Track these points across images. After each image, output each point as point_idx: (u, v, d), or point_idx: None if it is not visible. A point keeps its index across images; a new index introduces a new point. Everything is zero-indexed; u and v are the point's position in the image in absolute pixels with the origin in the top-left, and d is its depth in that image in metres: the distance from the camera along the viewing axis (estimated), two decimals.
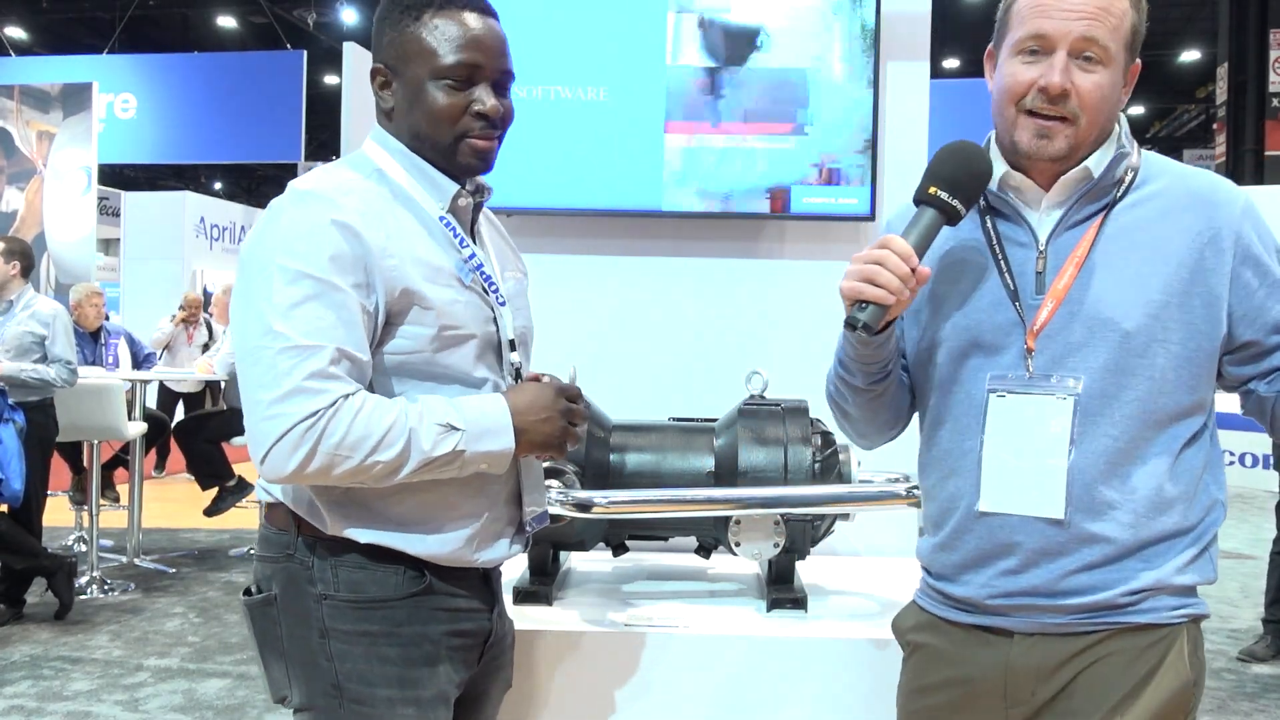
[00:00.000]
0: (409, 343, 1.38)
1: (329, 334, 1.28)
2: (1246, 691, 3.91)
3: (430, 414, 1.33)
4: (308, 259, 1.29)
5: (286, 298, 1.28)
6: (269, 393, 1.26)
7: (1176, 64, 17.81)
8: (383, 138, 1.47)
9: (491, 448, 1.36)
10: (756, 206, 2.67)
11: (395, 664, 1.39)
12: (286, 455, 1.26)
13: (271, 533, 1.43)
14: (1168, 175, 1.39)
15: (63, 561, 4.71)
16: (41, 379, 4.62)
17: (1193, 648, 1.34)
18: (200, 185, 21.05)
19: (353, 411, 1.28)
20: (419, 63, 1.40)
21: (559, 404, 1.43)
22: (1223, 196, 1.35)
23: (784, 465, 2.06)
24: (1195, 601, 1.35)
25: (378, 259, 1.33)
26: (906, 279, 1.31)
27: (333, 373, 1.28)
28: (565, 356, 1.99)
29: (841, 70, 2.65)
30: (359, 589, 1.38)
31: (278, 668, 1.42)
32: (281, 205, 1.35)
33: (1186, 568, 1.33)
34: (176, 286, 12.66)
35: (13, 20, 16.00)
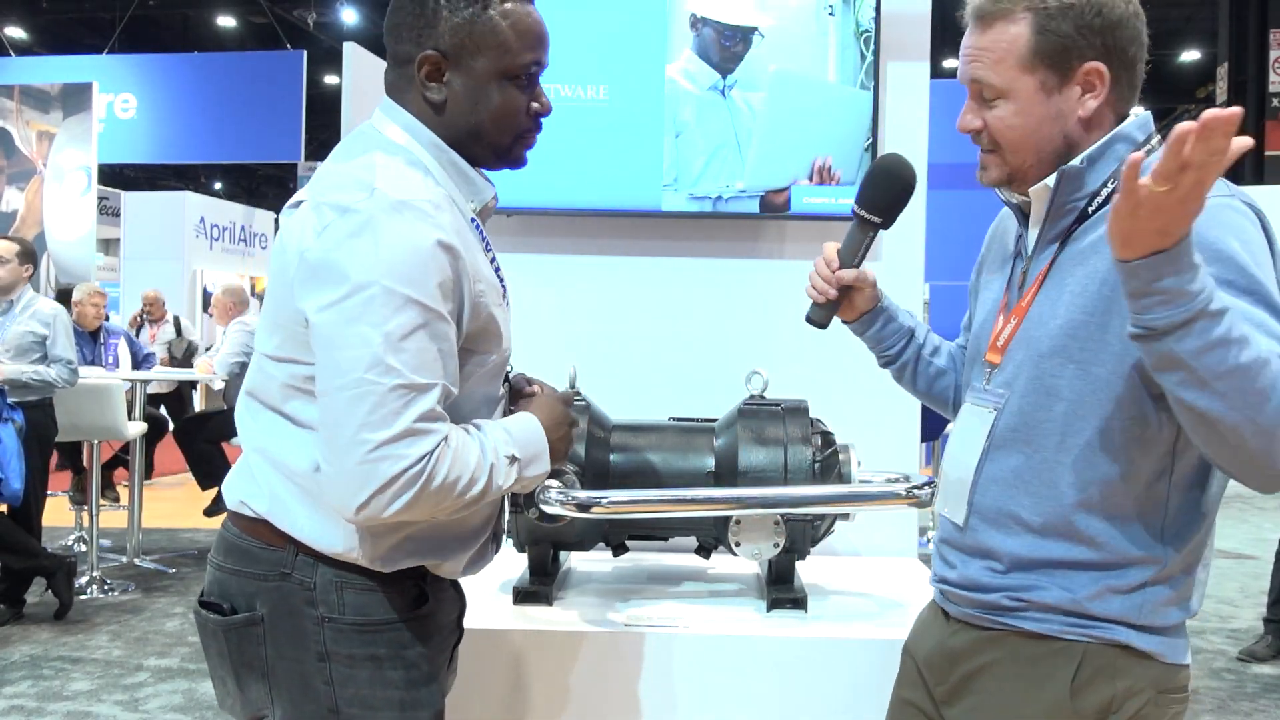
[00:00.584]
0: (477, 370, 1.32)
1: (435, 369, 1.21)
2: (1247, 691, 3.91)
3: (499, 446, 1.30)
4: (418, 285, 1.19)
5: (397, 327, 1.18)
6: (379, 433, 1.17)
7: (1176, 64, 17.82)
8: (412, 126, 1.34)
9: (538, 472, 1.36)
10: (754, 203, 2.67)
11: (398, 687, 1.34)
12: (392, 499, 1.18)
13: (258, 547, 1.33)
14: None
15: (62, 561, 4.71)
16: (43, 380, 4.63)
17: (1092, 673, 1.25)
18: (200, 185, 21.04)
19: (452, 451, 1.22)
20: (490, 56, 1.30)
21: (568, 415, 1.45)
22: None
23: (784, 465, 2.06)
24: (1111, 627, 1.26)
25: (470, 284, 1.27)
26: (830, 280, 1.55)
27: (439, 412, 1.22)
28: (565, 356, 1.99)
29: (841, 70, 2.65)
30: (365, 611, 1.32)
31: (257, 688, 1.35)
32: (374, 215, 1.20)
33: (1100, 598, 1.26)
34: (177, 286, 12.68)
35: (13, 20, 16.00)
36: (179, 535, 6.67)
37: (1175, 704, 1.30)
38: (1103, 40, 1.25)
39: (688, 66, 2.66)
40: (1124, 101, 1.31)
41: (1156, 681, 1.27)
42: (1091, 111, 1.28)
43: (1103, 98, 1.27)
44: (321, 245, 1.22)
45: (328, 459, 1.21)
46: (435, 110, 1.33)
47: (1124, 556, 1.26)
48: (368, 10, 15.75)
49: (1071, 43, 1.25)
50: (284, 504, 1.31)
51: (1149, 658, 1.27)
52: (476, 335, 1.30)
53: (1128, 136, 1.29)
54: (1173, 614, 1.28)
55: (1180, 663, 1.30)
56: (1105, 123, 1.30)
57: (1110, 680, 1.26)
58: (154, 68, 11.94)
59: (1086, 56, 1.25)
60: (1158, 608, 1.27)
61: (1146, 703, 1.26)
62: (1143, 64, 1.30)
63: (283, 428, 1.32)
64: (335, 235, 1.21)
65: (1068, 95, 1.27)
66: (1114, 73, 1.27)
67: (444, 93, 1.32)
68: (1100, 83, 1.27)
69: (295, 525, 1.31)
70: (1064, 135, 1.29)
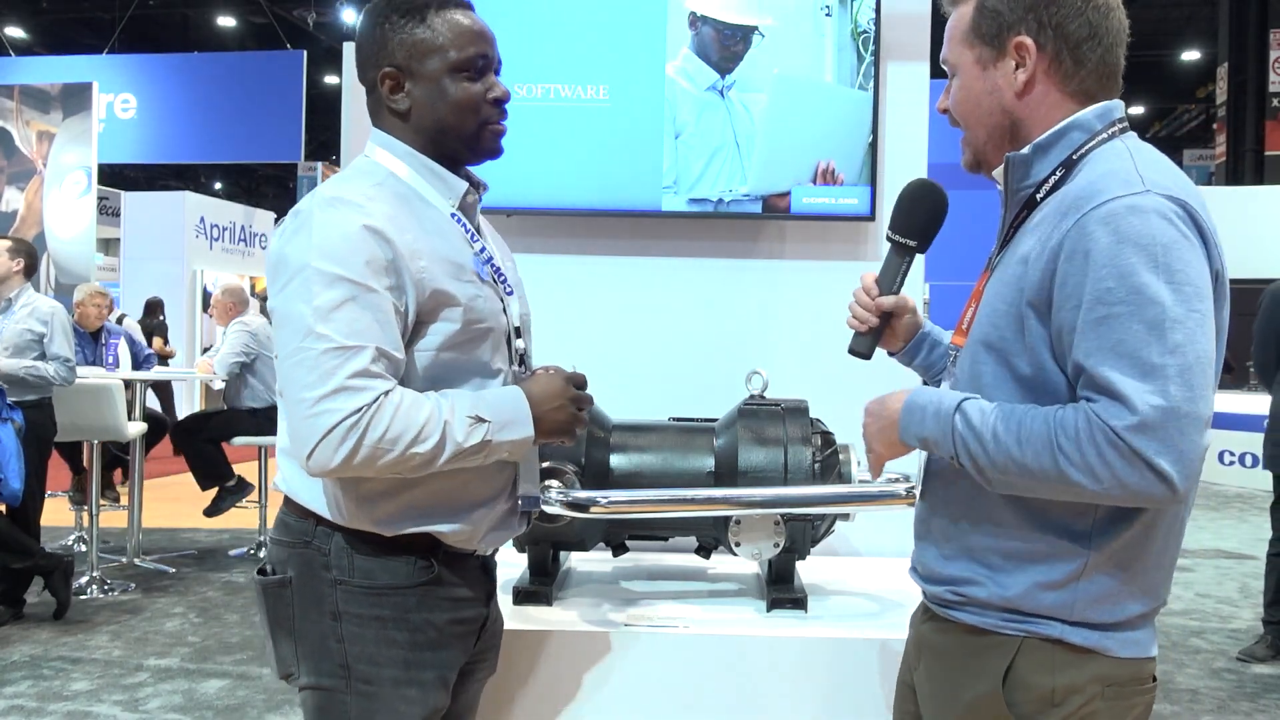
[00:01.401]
0: (438, 339, 1.45)
1: (368, 334, 1.36)
2: (1246, 692, 3.92)
3: (460, 407, 1.41)
4: (344, 263, 1.36)
5: (327, 300, 1.35)
6: (314, 391, 1.33)
7: (1177, 64, 17.81)
8: (387, 142, 1.53)
9: (514, 436, 1.45)
10: (756, 207, 2.67)
11: (402, 647, 1.46)
12: (333, 449, 1.33)
13: (291, 519, 1.50)
14: (1079, 176, 1.25)
15: (60, 561, 4.71)
16: (40, 376, 4.63)
17: (1030, 667, 1.26)
18: (200, 185, 21.05)
19: (393, 407, 1.35)
20: (435, 59, 1.48)
21: (569, 391, 1.53)
22: (1082, 203, 1.19)
23: (784, 465, 2.06)
24: (1045, 622, 1.26)
25: (407, 262, 1.40)
26: (870, 308, 1.54)
27: (374, 371, 1.35)
28: (565, 356, 1.99)
29: (839, 71, 2.65)
30: (372, 576, 1.45)
31: (286, 646, 1.49)
32: (311, 211, 1.40)
33: (1030, 595, 1.26)
34: (176, 286, 12.68)
35: (13, 20, 16.00)
36: (179, 535, 6.67)
37: (1133, 696, 1.27)
38: (1035, 16, 1.27)
39: (685, 66, 2.66)
40: (1078, 83, 1.29)
41: (1104, 676, 1.25)
42: (1021, 85, 1.29)
43: (1033, 72, 1.28)
44: (276, 244, 1.43)
45: (286, 422, 1.39)
46: (403, 118, 1.51)
47: (1049, 550, 1.26)
48: None
49: (1003, 18, 1.29)
50: (294, 480, 1.49)
51: (1092, 653, 1.25)
52: (428, 308, 1.43)
53: (1083, 125, 1.29)
54: (1113, 610, 1.25)
55: (1132, 656, 1.27)
56: (1058, 105, 1.30)
57: (1049, 674, 1.25)
58: (154, 68, 11.93)
59: (1017, 30, 1.28)
60: (1091, 604, 1.25)
61: (1093, 697, 1.25)
62: (1098, 45, 1.28)
63: (284, 407, 1.46)
64: (286, 234, 1.42)
65: (1003, 69, 1.30)
66: (1050, 49, 1.28)
67: (407, 101, 1.50)
68: (1028, 56, 1.28)
69: (306, 498, 1.48)
70: (1003, 109, 1.31)
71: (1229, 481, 9.51)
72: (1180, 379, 1.11)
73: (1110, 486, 1.13)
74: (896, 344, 1.62)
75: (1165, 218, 1.15)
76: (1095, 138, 1.28)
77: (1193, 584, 5.68)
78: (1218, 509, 8.28)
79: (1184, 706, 3.75)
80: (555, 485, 1.82)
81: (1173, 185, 1.19)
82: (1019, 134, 1.32)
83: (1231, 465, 9.56)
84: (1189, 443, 1.11)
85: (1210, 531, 7.29)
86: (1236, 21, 14.17)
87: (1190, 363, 1.12)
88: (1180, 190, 1.19)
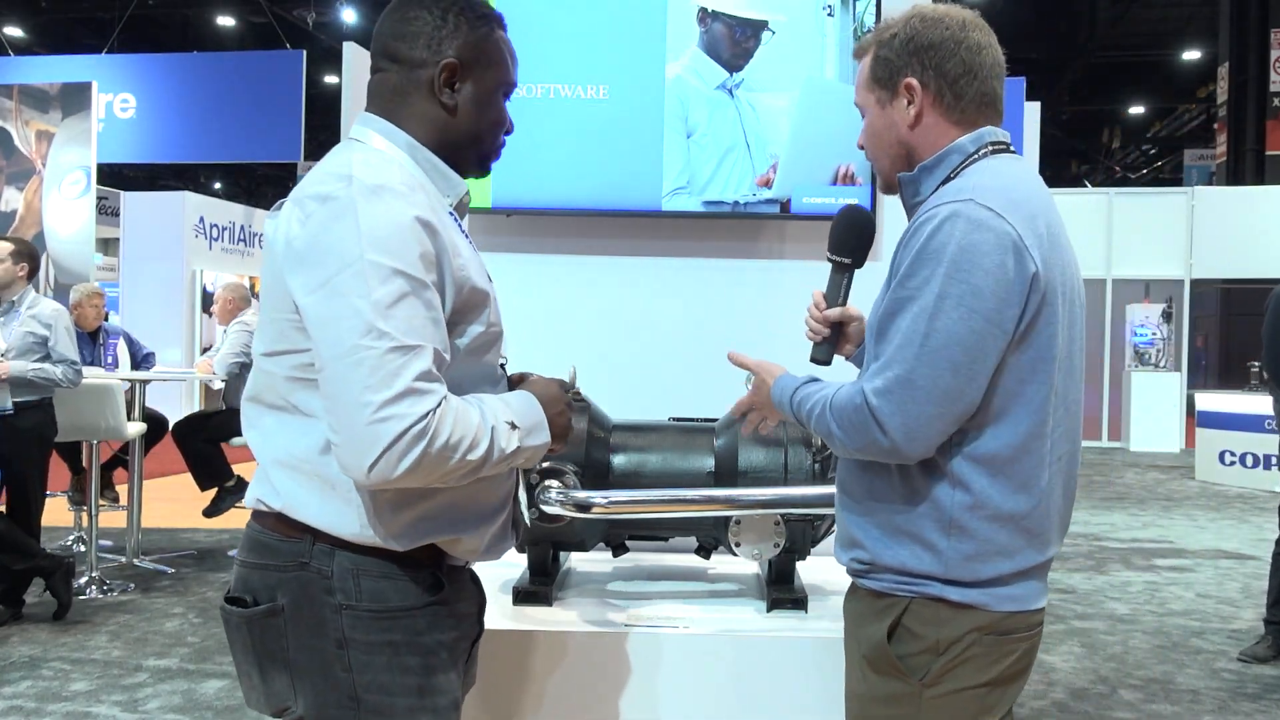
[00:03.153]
0: (466, 340, 1.39)
1: (426, 333, 1.27)
2: (1247, 692, 3.91)
3: (498, 412, 1.36)
4: (400, 257, 1.26)
5: (385, 295, 1.24)
6: (379, 394, 1.22)
7: (1177, 64, 17.82)
8: (389, 131, 1.43)
9: (537, 442, 1.42)
10: (757, 207, 2.67)
11: (416, 673, 1.37)
12: (399, 457, 1.23)
13: (276, 540, 1.37)
14: (932, 199, 1.44)
15: (60, 561, 4.71)
16: (47, 378, 4.64)
17: (916, 623, 1.42)
18: (200, 185, 21.06)
19: (453, 412, 1.28)
20: (495, 72, 1.47)
21: (564, 396, 1.52)
22: (924, 208, 1.42)
23: (784, 465, 2.06)
24: (927, 583, 1.41)
25: (450, 258, 1.34)
26: (820, 320, 1.72)
27: (435, 374, 1.27)
28: (565, 356, 1.99)
29: (841, 70, 2.64)
30: (382, 598, 1.35)
31: (280, 679, 1.38)
32: (352, 199, 1.28)
33: (915, 557, 1.42)
34: (176, 286, 12.67)
35: (12, 20, 16.00)
36: (179, 535, 6.66)
37: (1010, 643, 1.43)
38: (919, 60, 1.48)
39: (694, 64, 2.65)
40: (959, 113, 1.48)
41: (981, 628, 1.41)
42: (912, 118, 1.49)
43: (919, 107, 1.49)
44: (307, 232, 1.29)
45: (335, 428, 1.26)
46: (447, 112, 1.44)
47: (921, 518, 1.42)
48: (368, 10, 15.75)
49: (893, 64, 1.50)
50: (296, 495, 1.36)
51: (970, 608, 1.41)
52: (464, 306, 1.37)
53: (960, 148, 1.48)
54: (981, 569, 1.40)
55: (1007, 610, 1.41)
56: (944, 133, 1.49)
57: (934, 628, 1.42)
58: (153, 68, 11.93)
59: (904, 73, 1.49)
60: (961, 563, 1.40)
61: (971, 644, 1.41)
62: (974, 80, 1.47)
63: (286, 422, 1.36)
64: (319, 221, 1.29)
65: (897, 106, 1.51)
66: (933, 87, 1.48)
67: (455, 98, 1.44)
68: (915, 93, 1.49)
69: (309, 514, 1.35)
70: (899, 141, 1.52)
71: (1229, 482, 9.51)
72: (926, 358, 1.34)
73: (855, 444, 1.41)
74: (849, 349, 1.78)
75: (975, 224, 1.35)
76: (969, 159, 1.47)
77: (1193, 584, 5.68)
78: (1218, 509, 8.28)
79: (1185, 707, 3.74)
80: (555, 485, 1.82)
81: (996, 199, 1.37)
82: (913, 159, 1.52)
83: (1232, 465, 9.56)
84: (919, 409, 1.34)
85: (1211, 532, 7.29)
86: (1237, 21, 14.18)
87: (938, 346, 1.33)
88: (1001, 204, 1.36)
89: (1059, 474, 1.45)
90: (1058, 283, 1.40)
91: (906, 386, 1.34)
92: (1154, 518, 7.88)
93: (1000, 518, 1.40)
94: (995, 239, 1.34)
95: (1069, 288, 1.43)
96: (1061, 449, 1.44)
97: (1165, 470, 10.80)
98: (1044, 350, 1.38)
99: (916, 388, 1.34)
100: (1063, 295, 1.41)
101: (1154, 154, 23.89)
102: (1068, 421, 1.45)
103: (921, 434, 1.36)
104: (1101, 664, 4.21)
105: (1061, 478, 1.46)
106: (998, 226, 1.35)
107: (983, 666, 1.42)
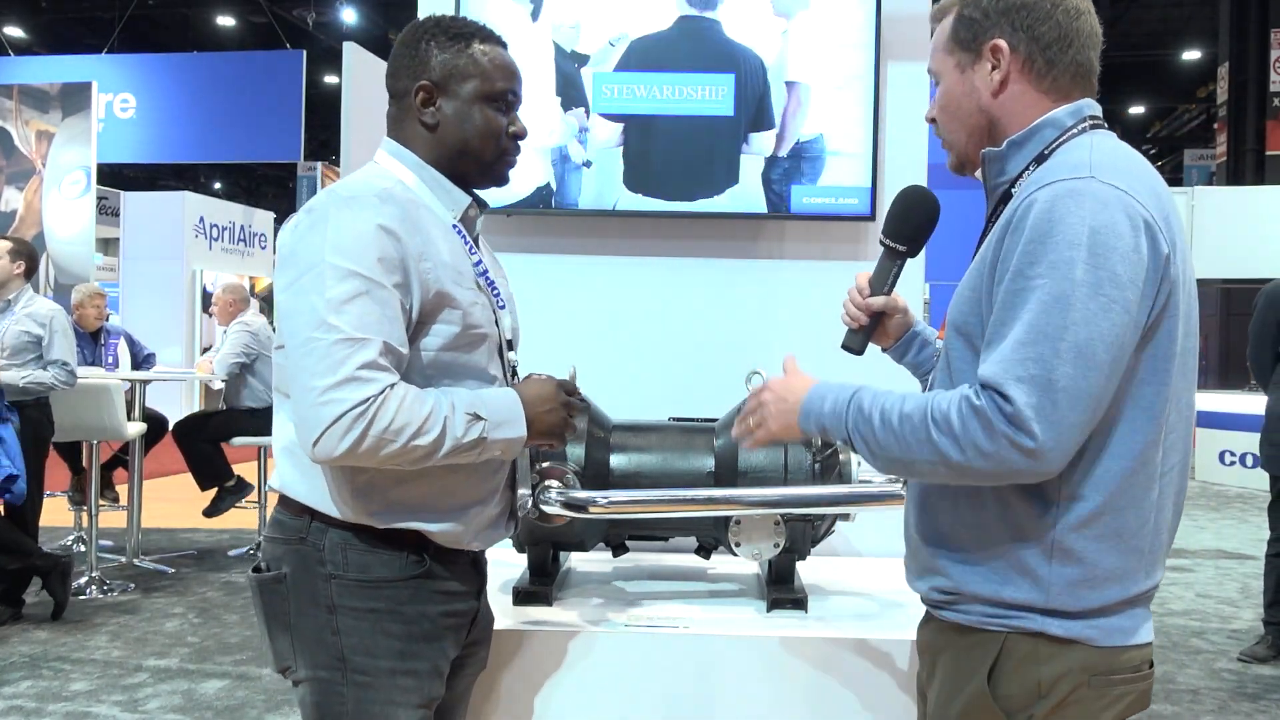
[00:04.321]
0: (438, 340, 1.50)
1: (377, 328, 1.40)
2: (1247, 692, 3.91)
3: (459, 404, 1.46)
4: (357, 259, 1.41)
5: (339, 294, 1.39)
6: (324, 380, 1.37)
7: (1177, 63, 17.81)
8: (398, 152, 1.59)
9: (509, 435, 1.51)
10: (756, 206, 2.67)
11: (397, 639, 1.51)
12: (339, 438, 1.36)
13: (286, 517, 1.54)
14: (1037, 177, 1.29)
15: (57, 561, 4.70)
16: (40, 384, 4.63)
17: (1015, 662, 1.28)
18: (200, 185, 21.05)
19: (398, 399, 1.39)
20: (471, 83, 1.56)
21: (560, 396, 1.59)
22: (1032, 185, 1.26)
23: (784, 465, 2.06)
24: (1024, 615, 1.28)
25: (415, 262, 1.46)
26: (861, 307, 1.61)
27: (381, 364, 1.39)
28: (565, 356, 1.99)
29: (841, 70, 2.64)
30: (366, 569, 1.50)
31: (283, 640, 1.53)
32: (326, 208, 1.45)
33: (1010, 583, 1.28)
34: (176, 286, 12.67)
35: (12, 20, 16.00)
36: (178, 535, 6.66)
37: (1121, 685, 1.28)
38: (1009, 20, 1.34)
39: None
40: (1050, 83, 1.35)
41: (1089, 666, 1.27)
42: (997, 85, 1.36)
43: (1005, 72, 1.35)
44: (289, 240, 1.47)
45: (293, 410, 1.42)
46: (430, 130, 1.58)
47: (1016, 541, 1.28)
48: (368, 10, 15.75)
49: (979, 24, 1.37)
50: (290, 476, 1.53)
51: (1074, 643, 1.27)
52: (431, 308, 1.49)
53: (1055, 122, 1.34)
54: (1087, 597, 1.26)
55: (1116, 645, 1.28)
56: (1032, 104, 1.35)
57: (1034, 667, 1.27)
58: (153, 68, 11.94)
59: (991, 35, 1.36)
60: (1067, 589, 1.26)
61: (1077, 686, 1.26)
62: (1069, 47, 1.34)
63: (283, 408, 1.51)
64: (298, 230, 1.47)
65: (979, 71, 1.38)
66: (1023, 51, 1.34)
67: (437, 116, 1.57)
68: (1002, 57, 1.35)
69: (300, 492, 1.52)
70: (980, 109, 1.39)
71: (1229, 482, 9.51)
72: (1068, 356, 1.16)
73: (972, 456, 1.19)
74: (887, 341, 1.69)
75: (1103, 202, 1.19)
76: (1066, 133, 1.33)
77: (1193, 584, 5.68)
78: (1218, 509, 8.28)
79: (1184, 707, 3.74)
80: (555, 485, 1.82)
81: (1121, 177, 1.22)
82: (996, 132, 1.38)
83: (1232, 465, 9.56)
84: (1062, 415, 1.16)
85: (1211, 532, 7.29)
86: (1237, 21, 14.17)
87: (1081, 341, 1.16)
88: (1128, 182, 1.22)
89: (1170, 486, 1.30)
90: (1181, 271, 1.25)
91: (1046, 390, 1.16)
92: None
93: (1109, 536, 1.25)
94: (1128, 219, 1.19)
95: (1189, 277, 1.28)
96: (1173, 459, 1.29)
97: None
98: (1165, 347, 1.24)
99: (1058, 390, 1.15)
100: (1183, 285, 1.26)
101: (1154, 154, 23.89)
102: (1180, 428, 1.29)
103: (1067, 445, 1.17)
104: None
105: (1172, 491, 1.31)
106: (1129, 205, 1.19)
107: (1093, 712, 1.27)
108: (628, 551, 2.26)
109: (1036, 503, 1.26)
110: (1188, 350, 1.29)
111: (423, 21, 1.61)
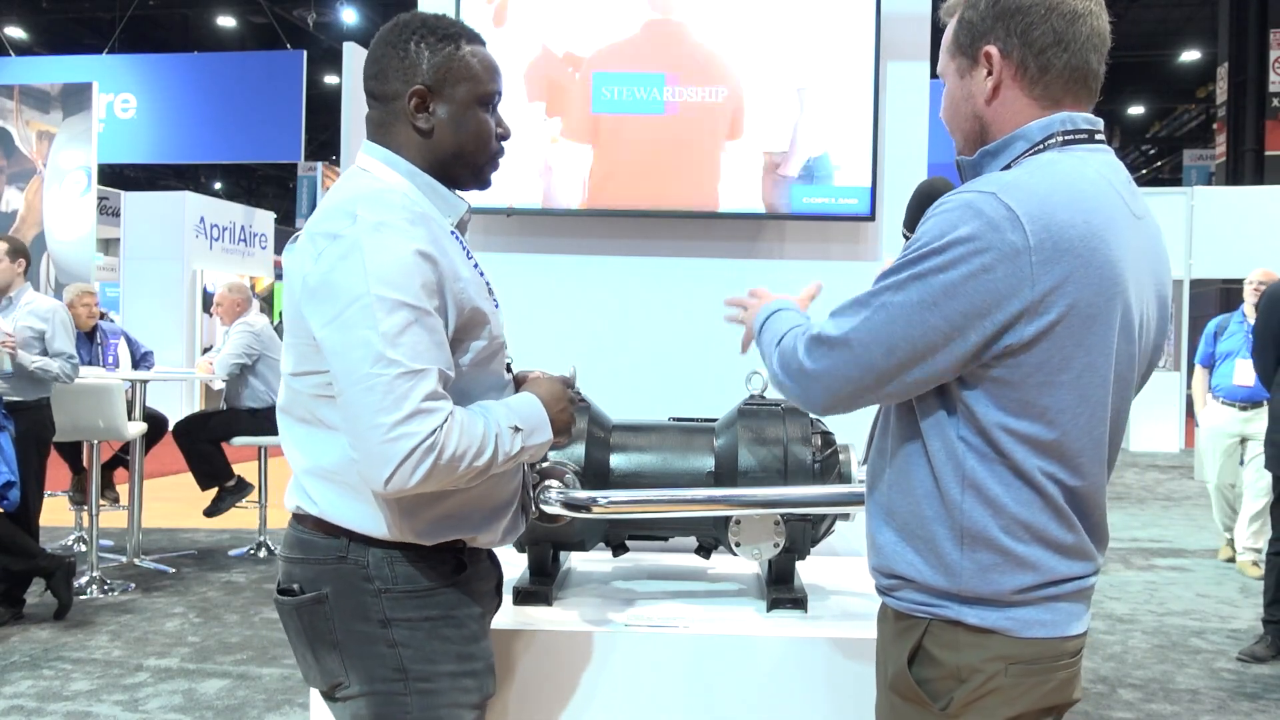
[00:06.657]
0: (470, 355, 1.51)
1: (430, 356, 1.40)
2: (1247, 692, 3.92)
3: (501, 419, 1.48)
4: (403, 289, 1.38)
5: (391, 326, 1.37)
6: (390, 415, 1.35)
7: (1177, 64, 17.81)
8: (389, 158, 1.54)
9: (540, 440, 1.54)
10: (756, 206, 2.67)
11: (454, 642, 1.54)
12: (411, 471, 1.36)
13: (318, 538, 1.52)
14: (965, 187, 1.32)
15: (60, 561, 4.71)
16: (46, 370, 4.67)
17: (936, 647, 1.31)
18: (200, 185, 21.05)
19: (459, 425, 1.40)
20: (466, 87, 1.53)
21: (566, 393, 1.62)
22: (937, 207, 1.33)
23: (784, 465, 2.06)
24: (944, 604, 1.31)
25: (450, 283, 1.46)
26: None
27: (439, 392, 1.40)
28: (565, 356, 1.99)
29: (841, 71, 2.65)
30: (415, 580, 1.51)
31: (331, 659, 1.52)
32: (356, 236, 1.40)
33: (933, 569, 1.31)
34: (176, 286, 12.68)
35: (13, 20, 16.00)
36: (179, 535, 6.66)
37: (1039, 674, 1.29)
38: (1003, 25, 1.33)
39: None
40: (1043, 89, 1.33)
41: (1006, 656, 1.28)
42: (990, 91, 1.35)
43: (998, 79, 1.34)
44: (319, 270, 1.41)
45: (354, 446, 1.40)
46: (424, 136, 1.54)
47: (935, 529, 1.31)
48: (368, 10, 15.75)
49: (976, 28, 1.36)
50: (332, 503, 1.50)
51: (991, 633, 1.29)
52: (465, 325, 1.49)
53: (1026, 135, 1.33)
54: (998, 583, 1.28)
55: (1036, 637, 1.28)
56: (1023, 110, 1.34)
57: (953, 654, 1.30)
58: (154, 68, 11.94)
59: (987, 39, 1.35)
60: (978, 574, 1.28)
61: (994, 675, 1.28)
62: (1064, 51, 1.31)
63: (316, 435, 1.50)
64: (329, 259, 1.41)
65: (976, 76, 1.37)
66: (1016, 57, 1.33)
67: (431, 121, 1.53)
68: (994, 63, 1.34)
69: (346, 519, 1.50)
70: (974, 115, 1.38)
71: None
72: (864, 324, 1.28)
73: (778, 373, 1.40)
74: None
75: (979, 214, 1.21)
76: (1033, 147, 1.32)
77: (1193, 584, 5.68)
78: None
79: (1184, 707, 3.75)
80: (555, 485, 1.82)
81: (1027, 197, 1.21)
82: (987, 137, 1.38)
83: None
84: (838, 369, 1.31)
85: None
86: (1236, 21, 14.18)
87: (880, 321, 1.27)
88: (1031, 205, 1.21)
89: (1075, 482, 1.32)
90: (1091, 299, 1.22)
91: (841, 346, 1.30)
92: (1153, 517, 7.89)
93: (1015, 527, 1.27)
94: (999, 243, 1.19)
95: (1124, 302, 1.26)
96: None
97: (1165, 470, 10.80)
98: (1058, 369, 1.23)
99: (850, 348, 1.29)
100: (1101, 314, 1.23)
101: (1153, 154, 23.90)
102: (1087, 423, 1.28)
103: (833, 387, 1.33)
104: (1101, 663, 4.22)
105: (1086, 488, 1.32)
106: (1007, 231, 1.20)
107: (1012, 698, 1.28)
108: (628, 551, 2.26)
109: (949, 495, 1.29)
110: (1122, 370, 1.29)
111: (407, 20, 1.55)
